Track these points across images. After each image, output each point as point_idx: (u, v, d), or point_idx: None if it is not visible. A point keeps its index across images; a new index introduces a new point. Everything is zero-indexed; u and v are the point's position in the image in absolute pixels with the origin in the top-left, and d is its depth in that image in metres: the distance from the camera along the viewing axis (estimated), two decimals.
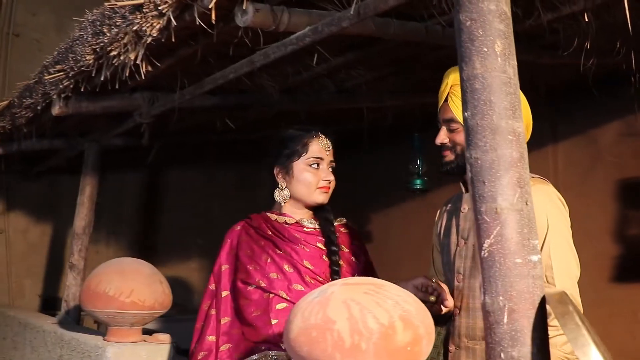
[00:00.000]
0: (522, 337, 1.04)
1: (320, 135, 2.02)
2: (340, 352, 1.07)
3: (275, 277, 1.90)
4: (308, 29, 1.73)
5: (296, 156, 1.99)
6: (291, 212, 2.03)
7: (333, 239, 2.00)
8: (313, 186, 1.98)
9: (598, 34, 2.45)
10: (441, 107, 1.92)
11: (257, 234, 1.99)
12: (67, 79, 2.18)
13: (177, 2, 1.55)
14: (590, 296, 1.95)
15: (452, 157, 1.90)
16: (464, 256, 1.89)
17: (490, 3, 1.19)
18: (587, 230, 3.39)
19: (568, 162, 3.69)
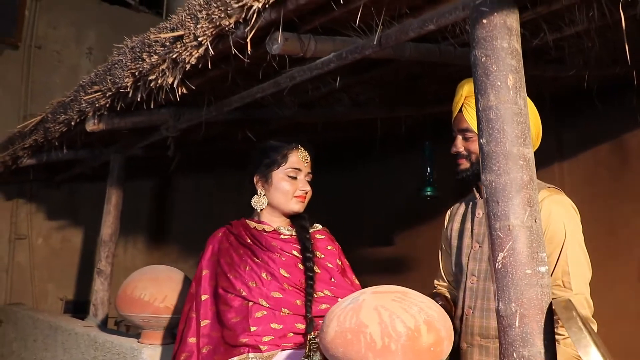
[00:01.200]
0: (532, 339, 1.18)
1: (299, 148, 2.09)
2: (373, 352, 1.22)
3: (254, 285, 1.93)
4: (332, 55, 1.88)
5: (276, 166, 2.05)
6: (269, 220, 2.09)
7: (308, 246, 2.05)
8: (290, 195, 2.05)
9: (601, 49, 2.59)
10: (456, 118, 2.03)
11: (237, 242, 2.05)
12: (103, 98, 2.33)
13: (215, 34, 1.69)
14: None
15: (467, 164, 2.00)
16: (479, 259, 1.99)
17: (503, 41, 1.34)
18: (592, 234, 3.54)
19: (573, 168, 3.81)
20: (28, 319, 3.86)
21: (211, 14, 1.63)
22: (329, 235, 2.21)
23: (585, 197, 3.59)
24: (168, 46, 1.81)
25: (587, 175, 3.69)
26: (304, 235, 2.09)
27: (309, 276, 1.98)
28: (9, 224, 4.96)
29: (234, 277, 1.96)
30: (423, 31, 1.62)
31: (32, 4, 5.28)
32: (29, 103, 5.17)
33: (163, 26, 1.88)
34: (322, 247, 2.12)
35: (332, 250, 2.14)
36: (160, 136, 2.96)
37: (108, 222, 3.46)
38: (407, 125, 3.71)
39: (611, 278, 3.33)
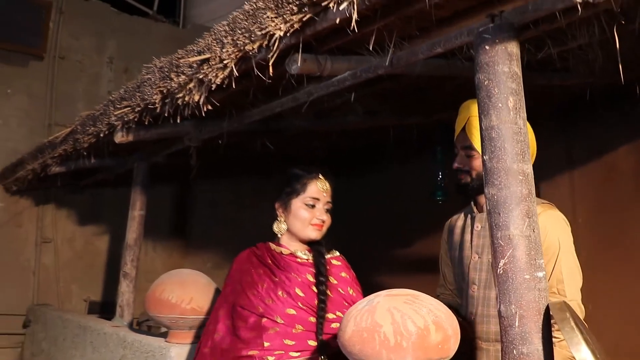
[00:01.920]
0: (530, 338, 1.32)
1: (320, 178, 2.16)
2: (386, 349, 1.36)
3: (270, 302, 2.03)
4: (348, 73, 2.02)
5: (295, 194, 2.13)
6: (287, 244, 2.18)
7: (322, 271, 2.11)
8: (307, 223, 2.12)
9: (604, 59, 2.69)
10: (459, 135, 2.17)
11: (258, 262, 2.14)
12: (132, 113, 2.48)
13: (239, 57, 1.84)
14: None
15: (468, 179, 2.14)
16: (479, 269, 2.12)
17: (504, 66, 1.47)
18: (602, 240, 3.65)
19: (583, 176, 3.89)
20: (57, 319, 4.03)
21: (236, 39, 1.77)
22: (345, 262, 2.27)
23: (595, 205, 3.71)
24: (195, 67, 1.96)
25: (596, 184, 3.78)
26: (319, 260, 2.16)
27: (321, 299, 2.05)
28: (35, 228, 5.15)
29: (252, 294, 2.06)
30: (432, 53, 1.76)
31: (56, 16, 5.47)
32: (54, 111, 5.37)
33: (190, 49, 2.02)
34: (336, 273, 2.19)
35: (346, 278, 2.20)
36: (182, 145, 3.11)
37: (133, 227, 3.62)
38: (417, 131, 3.83)
39: (622, 283, 3.44)
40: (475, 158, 2.10)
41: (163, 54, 5.88)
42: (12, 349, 4.92)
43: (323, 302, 2.06)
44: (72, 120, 5.23)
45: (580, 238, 3.79)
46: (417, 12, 1.63)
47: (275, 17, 1.61)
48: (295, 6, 1.55)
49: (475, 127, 2.07)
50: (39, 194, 5.14)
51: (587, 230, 3.75)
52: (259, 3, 1.66)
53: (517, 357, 1.33)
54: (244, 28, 1.73)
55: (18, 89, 5.22)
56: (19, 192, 5.01)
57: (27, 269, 5.08)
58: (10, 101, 5.17)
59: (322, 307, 2.04)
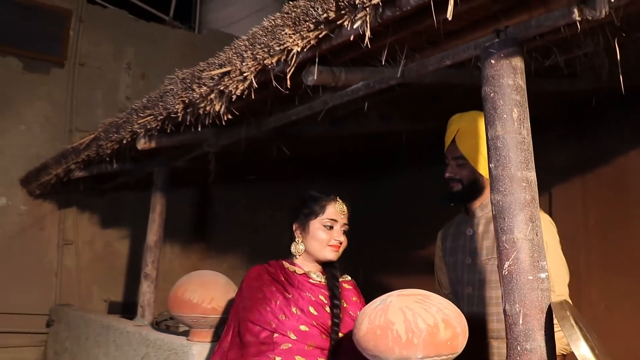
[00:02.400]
0: (533, 334, 1.41)
1: (337, 200, 2.21)
2: (399, 345, 1.45)
3: (283, 318, 2.06)
4: (361, 83, 2.12)
5: (314, 216, 2.17)
6: (302, 264, 2.21)
7: (336, 293, 2.16)
8: (325, 244, 2.15)
9: (611, 65, 2.76)
10: (449, 147, 2.31)
11: (270, 279, 2.17)
12: (155, 121, 2.60)
13: (258, 70, 1.94)
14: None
15: (459, 187, 2.28)
16: (473, 271, 2.23)
17: (508, 79, 1.57)
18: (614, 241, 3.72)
19: (594, 180, 3.96)
20: (79, 319, 4.16)
21: (255, 54, 1.88)
22: (356, 287, 2.32)
23: (606, 208, 3.78)
24: (216, 79, 2.07)
25: (607, 187, 3.84)
26: (333, 282, 2.20)
27: (335, 322, 2.10)
28: (57, 231, 5.30)
29: (264, 310, 2.09)
30: (441, 66, 1.85)
31: (76, 24, 5.61)
32: (74, 117, 5.51)
33: (212, 62, 2.13)
34: (347, 296, 2.23)
35: (356, 302, 2.24)
36: (202, 151, 3.22)
37: (153, 230, 3.74)
38: (429, 136, 3.91)
39: (634, 284, 3.53)
40: (465, 167, 2.25)
41: (180, 59, 6.06)
42: (35, 347, 5.07)
43: (336, 324, 2.09)
44: (91, 125, 5.40)
45: (591, 240, 3.90)
46: (427, 27, 1.73)
47: (293, 34, 1.71)
48: (312, 24, 1.65)
49: (464, 138, 2.24)
50: (60, 197, 5.28)
51: (599, 233, 3.85)
52: (278, 20, 1.76)
53: (521, 353, 1.42)
54: (263, 43, 1.83)
55: (40, 95, 5.36)
56: (42, 196, 5.15)
57: (50, 271, 5.22)
58: (33, 107, 5.32)
59: (335, 330, 2.08)
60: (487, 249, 2.24)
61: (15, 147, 5.18)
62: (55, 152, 5.11)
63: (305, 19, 1.66)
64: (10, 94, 5.20)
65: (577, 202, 4.02)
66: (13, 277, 5.02)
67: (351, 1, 1.51)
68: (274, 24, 1.78)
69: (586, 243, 3.95)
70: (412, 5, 1.48)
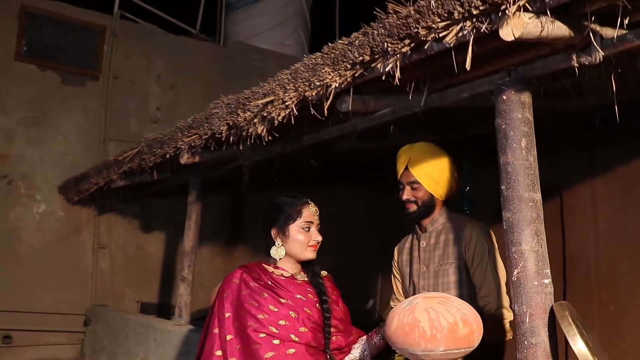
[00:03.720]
0: (538, 331, 1.67)
1: (310, 203, 2.36)
2: (424, 340, 1.72)
3: (284, 323, 2.16)
4: (388, 110, 2.39)
5: (291, 220, 2.29)
6: (286, 267, 2.32)
7: (323, 290, 2.32)
8: (305, 245, 2.29)
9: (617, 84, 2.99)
10: (403, 174, 2.66)
11: (258, 285, 2.23)
12: (199, 140, 2.89)
13: (299, 100, 2.22)
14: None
15: (414, 208, 2.65)
16: (427, 277, 2.64)
17: (518, 113, 1.83)
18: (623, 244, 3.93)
19: (604, 185, 4.15)
20: (118, 319, 4.47)
21: (297, 86, 2.15)
22: (331, 280, 2.48)
23: (615, 212, 3.98)
24: (260, 106, 2.35)
25: (616, 192, 4.01)
26: (317, 280, 2.35)
27: (326, 317, 2.26)
28: (92, 236, 5.62)
29: (263, 317, 2.16)
30: (459, 97, 2.11)
31: (109, 39, 5.94)
32: (108, 127, 5.83)
33: (256, 91, 2.41)
34: (330, 290, 2.40)
35: (335, 294, 2.43)
36: (237, 164, 3.51)
37: (189, 236, 4.02)
38: (447, 147, 4.16)
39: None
40: (419, 189, 2.63)
41: (206, 70, 6.34)
42: (72, 345, 5.39)
43: (328, 318, 2.27)
44: (124, 135, 5.73)
45: (601, 243, 4.11)
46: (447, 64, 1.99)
47: (332, 72, 1.99)
48: (349, 64, 1.93)
49: (416, 165, 2.61)
50: (95, 203, 5.60)
51: (608, 236, 4.05)
52: (318, 59, 2.04)
53: (528, 347, 1.68)
54: (304, 78, 2.11)
55: (77, 107, 5.69)
56: (79, 203, 5.47)
57: (86, 273, 5.54)
58: (70, 119, 5.64)
59: (327, 324, 2.26)
60: (439, 257, 2.64)
61: (53, 156, 5.52)
62: (91, 160, 5.46)
63: (343, 60, 1.94)
64: (49, 106, 5.54)
65: (587, 208, 4.21)
66: (52, 279, 5.34)
67: (384, 47, 1.78)
68: (315, 62, 2.05)
69: (596, 247, 4.15)
70: (436, 50, 1.75)
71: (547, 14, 1.51)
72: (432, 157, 2.65)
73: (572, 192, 4.29)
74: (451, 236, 2.64)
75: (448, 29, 1.59)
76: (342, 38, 1.99)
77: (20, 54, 5.43)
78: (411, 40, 1.71)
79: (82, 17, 5.85)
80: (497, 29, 1.51)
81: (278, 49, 7.25)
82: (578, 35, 1.65)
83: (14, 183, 5.32)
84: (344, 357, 2.34)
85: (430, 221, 2.69)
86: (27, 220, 5.34)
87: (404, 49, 1.73)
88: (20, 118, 5.38)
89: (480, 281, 2.49)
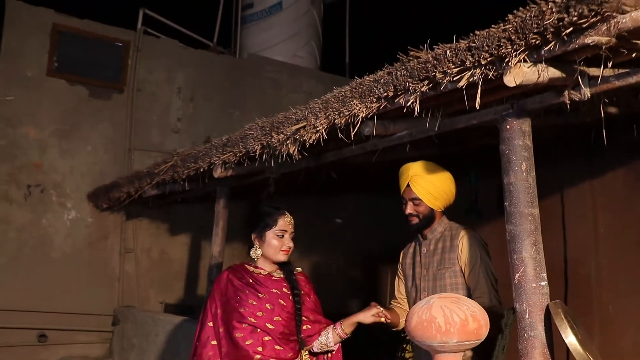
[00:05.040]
0: (535, 326, 1.99)
1: (286, 214, 2.78)
2: (440, 333, 2.03)
3: (261, 315, 2.60)
4: (406, 132, 2.71)
5: (268, 228, 2.73)
6: (264, 266, 2.78)
7: (295, 285, 2.76)
8: (278, 250, 2.73)
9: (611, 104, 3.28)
10: (405, 190, 2.98)
11: (241, 283, 2.68)
12: (233, 157, 3.21)
13: (328, 125, 2.54)
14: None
15: (416, 220, 2.99)
16: (427, 280, 2.96)
17: (519, 140, 2.15)
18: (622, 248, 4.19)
19: (604, 192, 4.40)
20: (148, 318, 4.79)
21: (328, 114, 2.48)
22: (306, 276, 2.92)
23: (614, 217, 4.25)
24: (293, 130, 2.67)
25: (616, 198, 4.28)
26: (291, 277, 2.80)
27: (297, 307, 2.71)
28: (119, 240, 5.95)
29: (244, 310, 2.61)
30: (469, 124, 2.43)
31: (133, 54, 6.26)
32: (133, 138, 6.16)
33: (289, 116, 2.73)
34: (303, 285, 2.83)
35: (309, 289, 2.86)
36: (263, 176, 3.83)
37: (217, 242, 4.34)
38: (455, 158, 4.47)
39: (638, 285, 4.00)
40: (420, 205, 2.96)
41: (224, 82, 6.64)
42: (101, 344, 5.72)
43: (299, 309, 2.71)
44: (147, 144, 6.07)
45: (601, 247, 4.39)
46: (457, 97, 2.31)
47: (359, 103, 2.32)
48: (375, 98, 2.26)
49: (418, 183, 2.94)
50: (121, 210, 5.92)
51: (608, 240, 4.35)
52: (347, 92, 2.37)
53: (527, 339, 2.01)
54: (334, 108, 2.44)
55: (103, 119, 6.02)
56: (107, 209, 5.80)
57: (113, 276, 5.88)
58: (98, 130, 5.98)
59: (299, 314, 2.69)
60: (437, 262, 2.97)
61: (83, 166, 5.86)
62: (117, 169, 5.81)
63: (369, 94, 2.27)
64: (78, 118, 5.88)
65: (588, 214, 4.49)
66: (82, 282, 5.68)
67: (405, 86, 2.11)
68: (344, 95, 2.38)
69: (596, 249, 4.43)
70: (450, 89, 2.07)
71: (543, 63, 1.83)
72: (431, 174, 2.97)
73: (574, 200, 4.56)
74: (448, 244, 2.97)
75: (461, 74, 1.91)
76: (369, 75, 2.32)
77: (51, 69, 5.76)
78: (429, 81, 2.04)
79: (108, 33, 6.17)
80: (502, 75, 1.83)
81: (291, 60, 7.56)
82: (569, 77, 1.97)
83: (47, 191, 5.66)
84: (314, 342, 2.75)
85: (430, 230, 3.04)
86: (58, 226, 5.68)
87: (422, 88, 2.05)
88: (52, 130, 5.72)
89: (474, 284, 2.83)
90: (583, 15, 1.54)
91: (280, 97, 7.19)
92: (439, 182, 2.98)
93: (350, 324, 2.73)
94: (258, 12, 7.76)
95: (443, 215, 3.08)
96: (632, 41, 1.77)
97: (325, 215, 6.84)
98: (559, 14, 1.59)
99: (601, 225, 4.42)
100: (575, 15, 1.56)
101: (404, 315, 3.02)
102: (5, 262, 5.38)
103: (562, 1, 1.59)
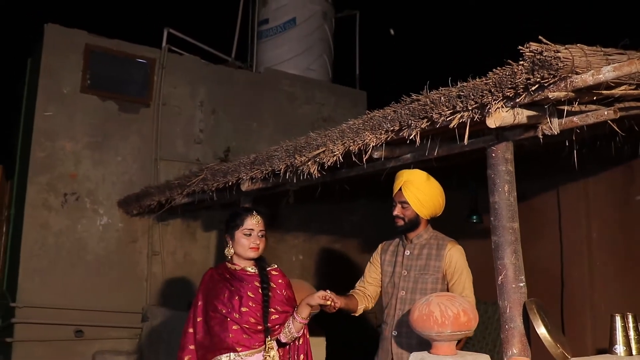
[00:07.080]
0: (514, 319, 2.45)
1: (253, 214, 3.00)
2: (437, 325, 2.50)
3: (231, 306, 2.85)
4: (410, 154, 3.16)
5: (237, 228, 2.97)
6: (238, 263, 3.01)
7: (265, 279, 2.98)
8: (246, 247, 2.95)
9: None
10: (397, 193, 3.19)
11: (219, 277, 2.96)
12: (260, 174, 3.68)
13: (344, 150, 3.01)
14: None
15: (402, 223, 3.19)
16: (407, 280, 3.15)
17: (502, 166, 2.60)
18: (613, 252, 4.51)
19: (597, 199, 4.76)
20: (177, 316, 5.24)
21: (344, 142, 2.94)
22: (281, 272, 3.13)
23: (607, 223, 4.59)
24: (314, 154, 3.13)
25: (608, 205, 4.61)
26: (262, 272, 3.02)
27: (265, 299, 2.93)
28: (147, 244, 6.41)
29: (218, 302, 2.88)
30: (461, 150, 2.89)
31: (158, 70, 6.71)
32: (159, 148, 6.62)
33: (310, 142, 3.19)
34: (275, 280, 3.05)
35: (282, 283, 3.07)
36: (284, 188, 4.30)
37: None
38: (455, 170, 4.90)
39: (631, 289, 4.35)
40: (408, 209, 3.15)
41: (243, 95, 7.08)
42: (131, 340, 6.18)
43: (266, 300, 2.93)
44: (173, 155, 6.56)
45: (594, 251, 4.76)
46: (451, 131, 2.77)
47: (370, 134, 2.78)
48: (383, 131, 2.72)
49: (409, 189, 3.14)
50: (149, 216, 6.39)
51: (601, 245, 4.72)
52: (360, 125, 2.83)
53: (508, 330, 2.47)
54: (349, 137, 2.90)
55: (132, 131, 6.48)
56: (136, 215, 6.27)
57: (141, 277, 6.34)
58: (127, 142, 6.44)
59: (266, 305, 2.92)
60: (420, 266, 3.16)
61: (114, 175, 6.33)
62: (145, 178, 6.28)
63: (378, 127, 2.73)
64: (109, 131, 6.34)
65: (582, 220, 4.87)
66: (113, 282, 6.14)
67: (408, 122, 2.57)
68: (357, 127, 2.85)
69: (589, 254, 4.81)
70: (444, 125, 2.53)
71: (518, 107, 2.29)
72: (423, 183, 3.17)
73: (569, 207, 4.94)
74: (433, 252, 3.16)
75: (452, 116, 2.37)
76: (378, 109, 2.79)
77: (85, 86, 6.23)
78: (427, 120, 2.50)
79: (135, 51, 6.63)
80: (484, 118, 2.29)
81: (304, 73, 7.99)
82: (542, 116, 2.42)
83: (81, 199, 6.13)
84: (281, 331, 2.98)
85: (416, 235, 3.22)
86: (92, 231, 6.14)
87: (422, 125, 2.51)
88: (86, 143, 6.18)
89: (460, 290, 3.04)
90: (544, 77, 2.00)
91: (294, 108, 7.66)
92: (429, 192, 3.16)
93: (303, 309, 2.95)
94: (273, 28, 8.15)
95: (428, 224, 3.27)
96: (591, 91, 2.23)
97: (338, 221, 7.34)
98: (526, 75, 2.05)
99: (594, 231, 4.80)
100: (538, 77, 2.01)
101: (363, 302, 3.27)
102: (46, 264, 5.85)
103: (529, 65, 2.05)
